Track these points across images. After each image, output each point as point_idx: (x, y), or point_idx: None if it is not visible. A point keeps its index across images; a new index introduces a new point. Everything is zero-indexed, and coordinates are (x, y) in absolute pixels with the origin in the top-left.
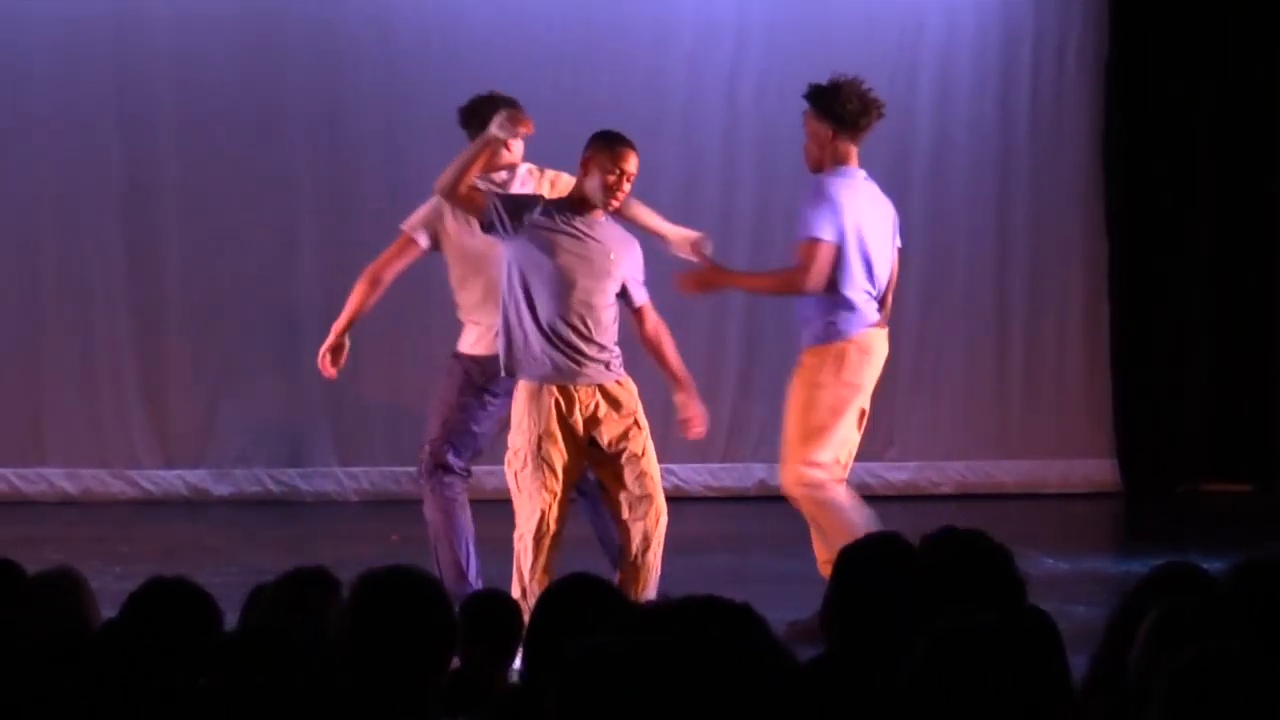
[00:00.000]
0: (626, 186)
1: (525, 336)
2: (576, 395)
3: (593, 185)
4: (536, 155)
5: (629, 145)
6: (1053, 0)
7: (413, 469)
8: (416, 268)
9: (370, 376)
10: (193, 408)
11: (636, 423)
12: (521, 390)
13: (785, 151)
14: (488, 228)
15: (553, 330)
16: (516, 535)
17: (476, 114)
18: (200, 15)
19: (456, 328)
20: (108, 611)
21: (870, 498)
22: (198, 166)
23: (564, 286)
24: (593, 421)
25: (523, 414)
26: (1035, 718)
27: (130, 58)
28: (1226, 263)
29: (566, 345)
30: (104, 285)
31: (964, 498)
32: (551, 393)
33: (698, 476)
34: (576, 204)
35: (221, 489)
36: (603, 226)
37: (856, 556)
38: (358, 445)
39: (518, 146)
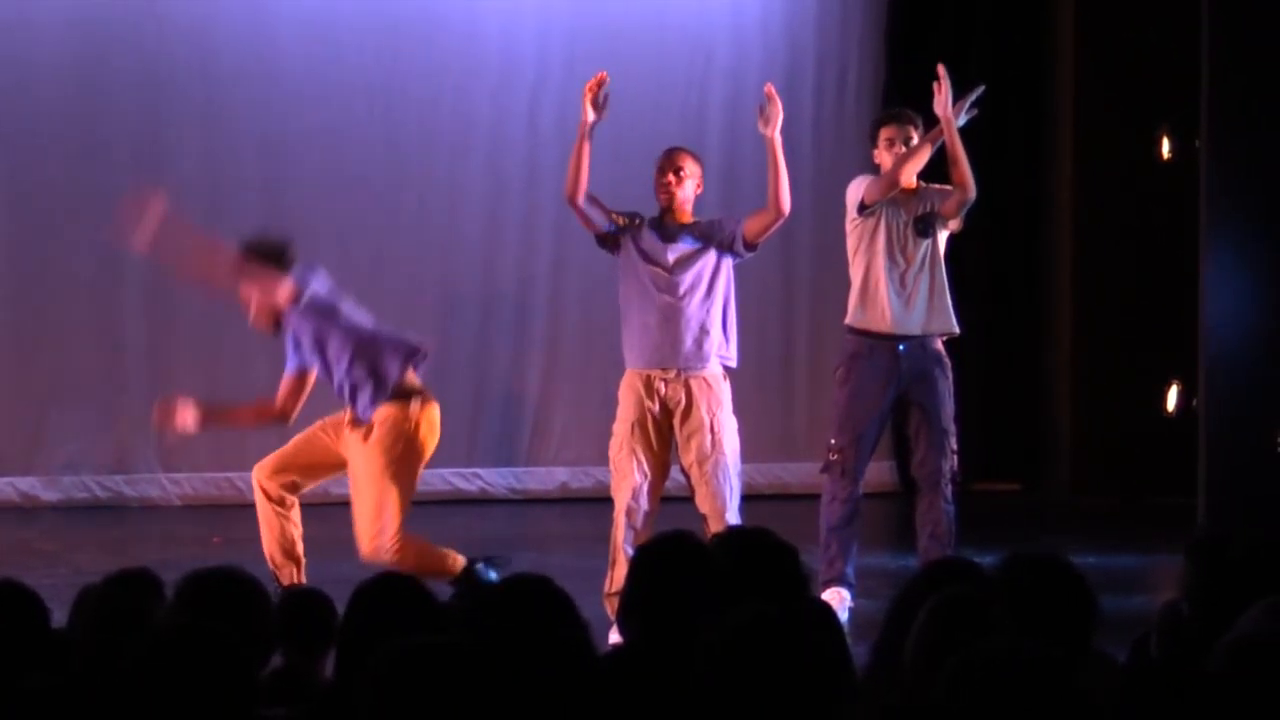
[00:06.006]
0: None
1: None
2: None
3: None
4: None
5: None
6: (834, 32)
7: (235, 474)
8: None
9: (193, 385)
10: (22, 417)
11: None
12: None
13: None
14: None
15: None
16: None
17: None
18: (23, 39)
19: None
20: None
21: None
22: (21, 183)
23: None
24: None
25: None
26: (818, 703)
27: None
28: (998, 273)
29: None
30: None
31: (752, 497)
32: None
33: (503, 480)
34: None
35: (50, 495)
36: None
37: (651, 553)
38: (180, 452)
39: None
